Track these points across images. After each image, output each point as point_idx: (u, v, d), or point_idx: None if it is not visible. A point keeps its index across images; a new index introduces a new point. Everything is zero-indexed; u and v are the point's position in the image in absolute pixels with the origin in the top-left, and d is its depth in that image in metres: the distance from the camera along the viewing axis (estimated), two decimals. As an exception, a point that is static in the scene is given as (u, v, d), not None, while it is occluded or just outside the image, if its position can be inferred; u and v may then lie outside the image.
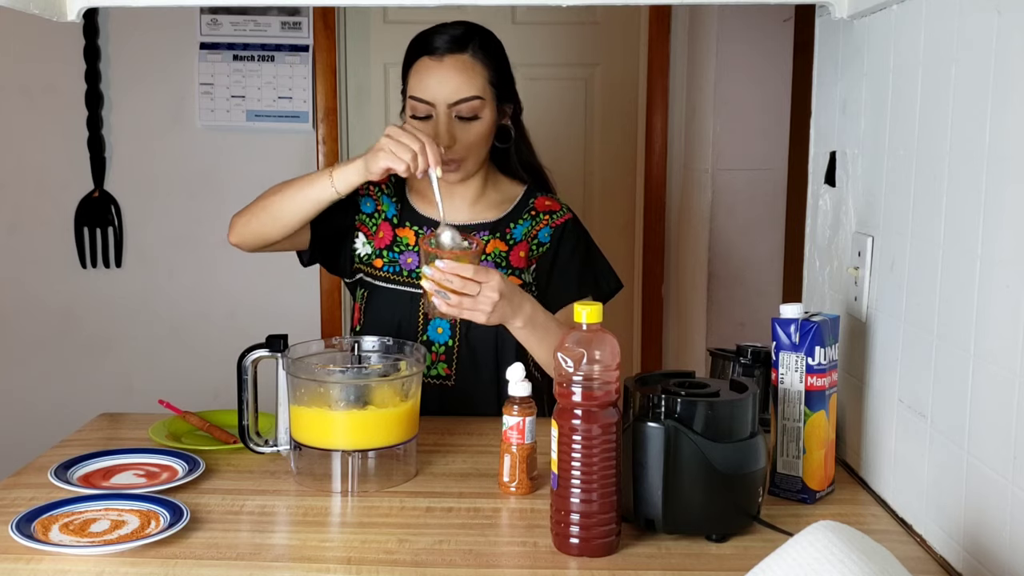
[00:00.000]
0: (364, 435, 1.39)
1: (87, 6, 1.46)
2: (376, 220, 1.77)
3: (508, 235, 1.76)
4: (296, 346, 1.47)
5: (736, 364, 1.62)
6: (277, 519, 1.31)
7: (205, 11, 3.09)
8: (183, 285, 3.22)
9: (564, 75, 3.35)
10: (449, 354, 1.73)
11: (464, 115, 1.66)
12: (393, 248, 1.75)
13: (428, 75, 1.65)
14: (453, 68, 1.65)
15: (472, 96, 1.65)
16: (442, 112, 1.65)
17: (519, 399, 1.39)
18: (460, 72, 1.65)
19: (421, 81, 1.66)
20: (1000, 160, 1.05)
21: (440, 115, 1.65)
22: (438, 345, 1.73)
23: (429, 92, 1.65)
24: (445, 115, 1.65)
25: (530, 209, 1.79)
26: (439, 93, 1.64)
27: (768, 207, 3.06)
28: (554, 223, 1.78)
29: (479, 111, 1.67)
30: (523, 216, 1.78)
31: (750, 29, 2.96)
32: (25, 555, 1.15)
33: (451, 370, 1.74)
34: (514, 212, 1.79)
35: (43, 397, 3.21)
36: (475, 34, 1.69)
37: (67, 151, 3.15)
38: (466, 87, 1.65)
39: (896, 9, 1.34)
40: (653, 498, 1.20)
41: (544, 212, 1.79)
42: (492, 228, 1.77)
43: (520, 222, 1.78)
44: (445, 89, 1.64)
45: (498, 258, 1.75)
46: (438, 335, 1.73)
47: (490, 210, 1.78)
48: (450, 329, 1.72)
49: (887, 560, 0.90)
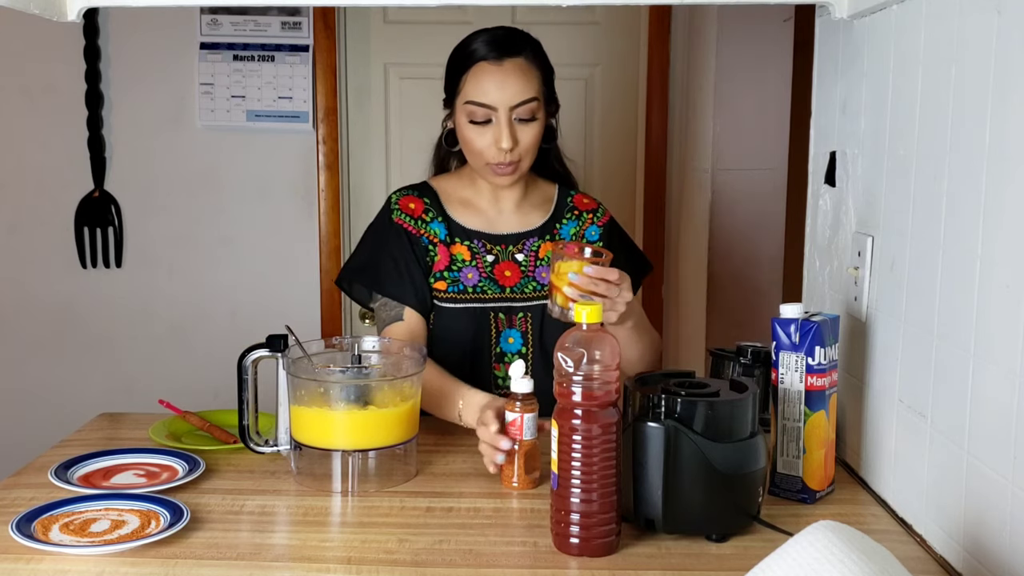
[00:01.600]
0: (364, 435, 1.39)
1: (87, 6, 1.46)
2: (434, 250, 1.76)
3: (556, 236, 1.80)
4: (296, 346, 1.47)
5: (736, 364, 1.62)
6: (277, 519, 1.31)
7: (205, 11, 3.09)
8: (183, 285, 3.22)
9: (564, 75, 3.32)
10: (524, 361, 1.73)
11: (523, 117, 1.68)
12: (452, 268, 1.75)
13: (488, 79, 1.66)
14: (513, 71, 1.67)
15: (531, 98, 1.68)
16: (504, 115, 1.66)
17: (521, 395, 1.40)
18: (520, 75, 1.67)
19: (481, 86, 1.66)
20: (1000, 160, 1.05)
21: (502, 118, 1.66)
22: (511, 355, 1.74)
23: (490, 96, 1.66)
24: (507, 118, 1.66)
25: (572, 208, 1.83)
26: (501, 97, 1.66)
27: (768, 207, 3.06)
28: (600, 222, 1.84)
29: (536, 112, 1.69)
30: (566, 216, 1.82)
31: (750, 29, 2.96)
32: (25, 555, 1.15)
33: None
34: (556, 212, 1.83)
35: (43, 397, 3.21)
36: (524, 36, 1.73)
37: (67, 151, 3.15)
38: (526, 89, 1.67)
39: (896, 9, 1.34)
40: (653, 498, 1.20)
41: (587, 211, 1.84)
42: (540, 232, 1.80)
43: (565, 222, 1.82)
44: (507, 92, 1.66)
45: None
46: (510, 345, 1.75)
47: (534, 213, 1.81)
48: (521, 337, 1.74)
49: (887, 560, 0.90)
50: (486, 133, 1.67)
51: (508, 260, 1.77)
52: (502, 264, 1.76)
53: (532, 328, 1.75)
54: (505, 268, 1.76)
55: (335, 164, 3.20)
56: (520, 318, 1.75)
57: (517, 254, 1.77)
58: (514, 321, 1.75)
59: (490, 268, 1.76)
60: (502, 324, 1.74)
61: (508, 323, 1.75)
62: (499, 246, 1.77)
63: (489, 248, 1.77)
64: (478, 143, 1.68)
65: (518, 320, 1.75)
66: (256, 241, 3.21)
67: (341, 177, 3.24)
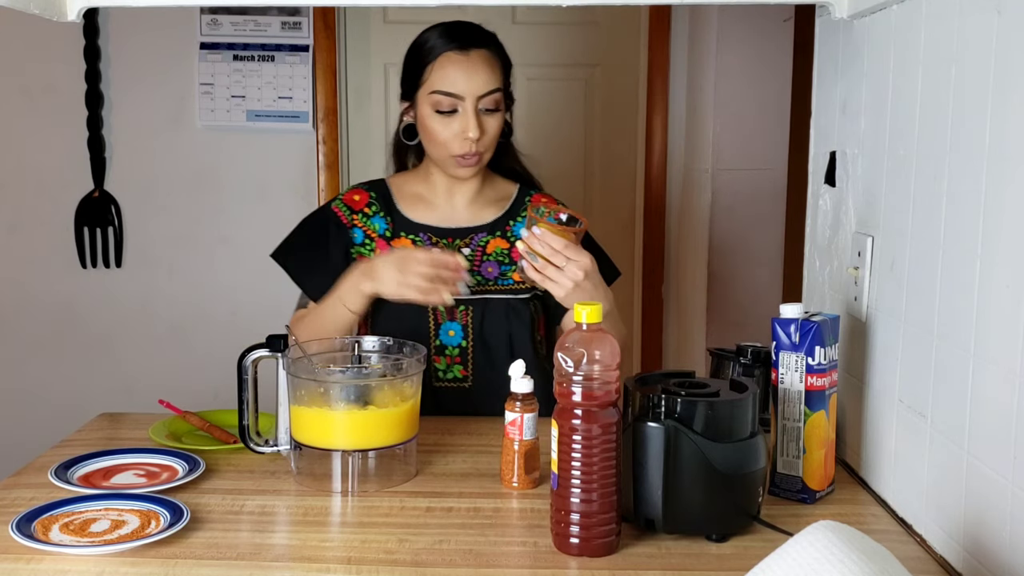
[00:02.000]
0: (364, 435, 1.39)
1: (87, 6, 1.46)
2: (370, 245, 1.77)
3: (509, 233, 1.78)
4: (296, 345, 1.47)
5: (736, 364, 1.62)
6: (277, 519, 1.31)
7: (205, 11, 3.09)
8: (183, 285, 3.22)
9: (564, 75, 3.35)
10: (464, 356, 1.73)
11: (488, 107, 1.69)
12: None
13: (456, 69, 1.68)
14: (480, 61, 1.69)
15: (497, 88, 1.70)
16: (471, 105, 1.67)
17: (521, 395, 1.40)
18: (487, 65, 1.69)
19: (447, 75, 1.68)
20: (1000, 160, 1.05)
21: (468, 108, 1.67)
22: (452, 348, 1.73)
23: (458, 86, 1.67)
24: (473, 107, 1.68)
25: (528, 206, 1.81)
26: (468, 86, 1.67)
27: (768, 207, 3.06)
28: None
29: (499, 103, 1.71)
30: (522, 213, 1.81)
31: (750, 29, 2.96)
32: (25, 555, 1.15)
33: (467, 371, 1.74)
34: (512, 209, 1.81)
35: (43, 397, 3.21)
36: (487, 31, 1.74)
37: (67, 151, 3.15)
38: (492, 79, 1.69)
39: (896, 9, 1.34)
40: (653, 498, 1.20)
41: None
42: (491, 228, 1.78)
43: (519, 219, 1.80)
44: (474, 82, 1.67)
45: (500, 256, 1.76)
46: (450, 338, 1.74)
47: (488, 209, 1.80)
48: (462, 331, 1.73)
49: (887, 560, 0.90)
50: (452, 123, 1.68)
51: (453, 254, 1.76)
52: None
53: (473, 322, 1.73)
54: None
55: (335, 164, 3.20)
56: (462, 311, 1.73)
57: (464, 248, 1.76)
58: (454, 314, 1.74)
59: None
60: (441, 317, 1.73)
61: (449, 315, 1.74)
62: (445, 239, 1.77)
63: (435, 242, 1.76)
64: (443, 134, 1.69)
65: (459, 313, 1.73)
66: (256, 241, 3.21)
67: (341, 177, 3.24)
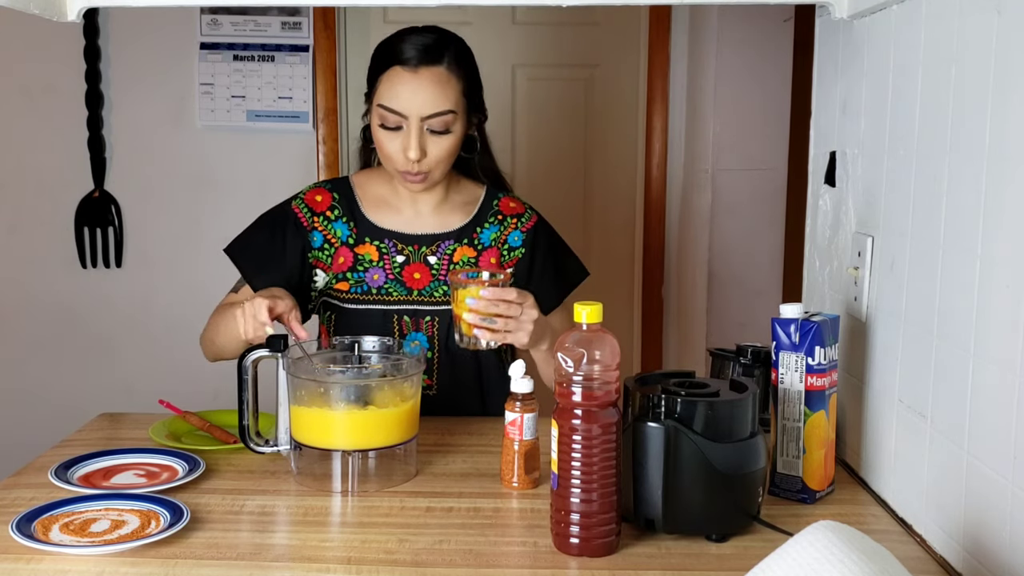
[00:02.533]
0: (364, 435, 1.39)
1: (87, 6, 1.46)
2: (330, 250, 1.72)
3: (476, 240, 1.74)
4: (296, 346, 1.47)
5: (736, 364, 1.62)
6: (277, 519, 1.31)
7: (205, 11, 3.09)
8: (183, 285, 3.22)
9: (564, 75, 3.35)
10: (429, 365, 1.71)
11: (436, 128, 1.60)
12: (356, 268, 1.71)
13: (401, 86, 1.59)
14: (428, 81, 1.59)
15: (446, 111, 1.60)
16: (414, 125, 1.59)
17: (521, 395, 1.40)
18: (435, 85, 1.59)
19: (393, 91, 1.60)
20: (1000, 160, 1.05)
21: (412, 127, 1.59)
22: None
23: (401, 104, 1.59)
24: (417, 127, 1.59)
25: (496, 212, 1.76)
26: (412, 106, 1.59)
27: (768, 207, 3.06)
28: (524, 227, 1.76)
29: (451, 125, 1.61)
30: (488, 220, 1.75)
31: (750, 29, 2.96)
32: (25, 555, 1.15)
33: (432, 380, 1.73)
34: (479, 216, 1.75)
35: (43, 397, 3.21)
36: (450, 43, 1.64)
37: (67, 151, 3.15)
38: (440, 101, 1.59)
39: (896, 9, 1.34)
40: (653, 498, 1.20)
41: (511, 215, 1.76)
42: (458, 235, 1.73)
43: (487, 226, 1.75)
44: (418, 102, 1.59)
45: (467, 264, 1.73)
46: (414, 349, 1.71)
47: (454, 215, 1.75)
48: (427, 341, 1.71)
49: (887, 560, 0.90)
50: (395, 139, 1.61)
51: (419, 262, 1.71)
52: (412, 266, 1.71)
53: (439, 332, 1.70)
54: (415, 270, 1.71)
55: (335, 164, 3.19)
56: (427, 321, 1.70)
57: (430, 256, 1.71)
58: (421, 324, 1.70)
59: (399, 269, 1.70)
60: (407, 327, 1.70)
61: (414, 326, 1.70)
62: (411, 247, 1.71)
63: (400, 248, 1.71)
64: (387, 147, 1.62)
65: (425, 323, 1.70)
66: (256, 241, 3.21)
67: (341, 177, 3.24)
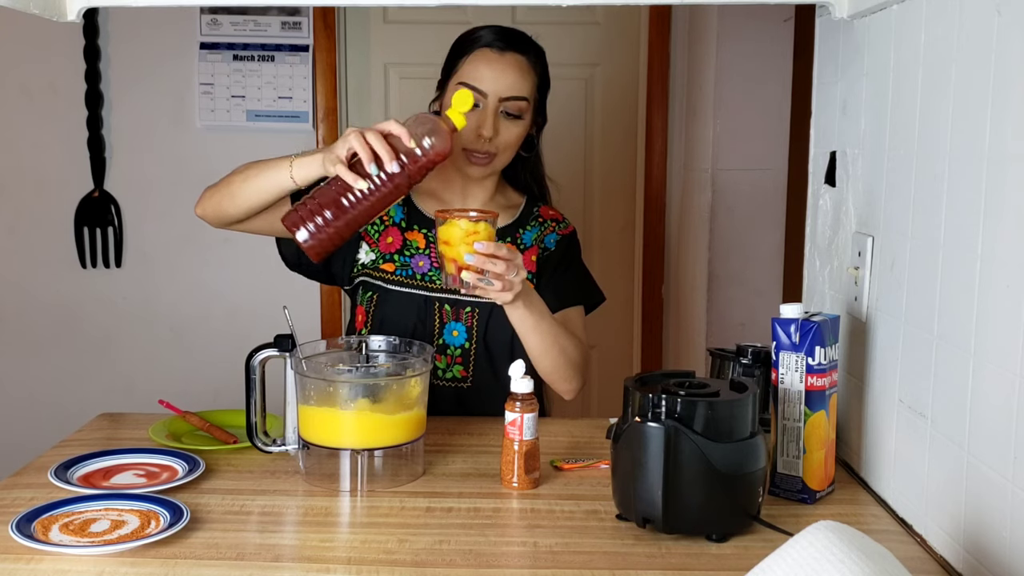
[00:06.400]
0: (372, 434, 1.39)
1: (87, 6, 1.46)
2: (379, 226, 1.76)
3: (518, 240, 1.78)
4: (304, 345, 1.47)
5: (736, 364, 1.62)
6: (277, 519, 1.31)
7: (205, 11, 3.09)
8: (183, 285, 3.22)
9: (564, 75, 3.33)
10: (466, 356, 1.73)
11: (511, 112, 1.68)
12: (404, 252, 1.74)
13: (487, 66, 1.67)
14: (513, 64, 1.68)
15: (523, 96, 1.69)
16: (492, 104, 1.67)
17: (521, 395, 1.40)
18: (518, 70, 1.69)
19: (477, 70, 1.67)
20: (1000, 160, 1.05)
21: (489, 106, 1.67)
22: (454, 348, 1.73)
23: (484, 82, 1.67)
24: (494, 107, 1.67)
25: (536, 217, 1.82)
26: (494, 85, 1.67)
27: (768, 207, 3.05)
28: (561, 231, 1.82)
29: (524, 112, 1.70)
30: (530, 223, 1.81)
31: (750, 29, 2.96)
32: (25, 555, 1.15)
33: (467, 372, 1.74)
34: (520, 219, 1.81)
35: (43, 397, 3.21)
36: (534, 43, 1.75)
37: (67, 151, 3.15)
38: (520, 85, 1.68)
39: (896, 9, 1.34)
40: (653, 498, 1.20)
41: (550, 220, 1.83)
42: (502, 234, 1.77)
43: (528, 228, 1.80)
44: (501, 82, 1.67)
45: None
46: (454, 338, 1.73)
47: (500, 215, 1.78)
48: (466, 332, 1.73)
49: (887, 560, 0.90)
50: (471, 118, 1.66)
51: None
52: None
53: (478, 324, 1.73)
54: None
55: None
56: (467, 313, 1.73)
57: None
58: (460, 315, 1.73)
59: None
60: (447, 316, 1.72)
61: (454, 316, 1.72)
62: None
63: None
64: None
65: (464, 314, 1.73)
66: (256, 241, 3.19)
67: (341, 177, 3.23)
